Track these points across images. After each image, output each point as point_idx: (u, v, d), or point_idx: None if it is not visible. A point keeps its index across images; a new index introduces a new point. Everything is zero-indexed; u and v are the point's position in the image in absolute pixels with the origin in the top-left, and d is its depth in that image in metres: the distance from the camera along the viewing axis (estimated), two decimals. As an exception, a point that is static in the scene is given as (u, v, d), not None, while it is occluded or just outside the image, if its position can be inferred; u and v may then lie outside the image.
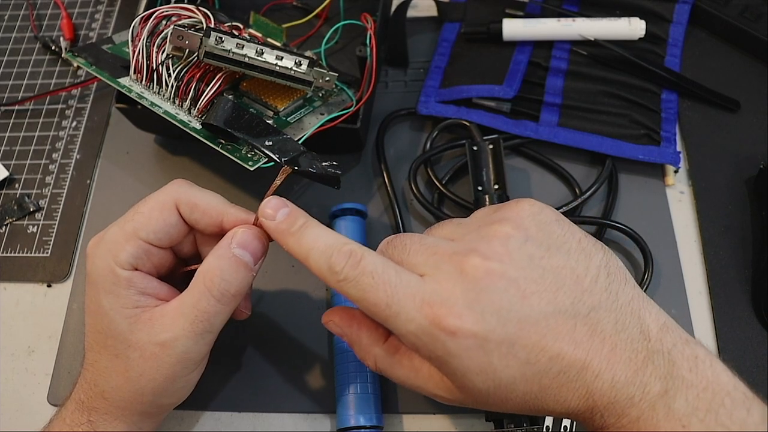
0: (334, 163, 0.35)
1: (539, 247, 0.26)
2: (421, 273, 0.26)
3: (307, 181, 0.43)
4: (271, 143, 0.35)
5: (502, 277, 0.25)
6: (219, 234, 0.31)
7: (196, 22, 0.37)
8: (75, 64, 0.50)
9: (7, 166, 0.46)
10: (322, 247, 0.27)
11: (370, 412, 0.34)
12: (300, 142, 0.36)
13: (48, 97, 0.49)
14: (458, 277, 0.25)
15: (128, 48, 0.38)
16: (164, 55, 0.37)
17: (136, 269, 0.30)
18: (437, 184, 0.41)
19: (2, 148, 0.47)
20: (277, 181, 0.32)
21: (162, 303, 0.30)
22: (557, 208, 0.40)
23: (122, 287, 0.29)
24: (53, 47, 0.51)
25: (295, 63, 0.36)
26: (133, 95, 0.38)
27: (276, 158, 0.34)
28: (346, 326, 0.30)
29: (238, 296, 0.30)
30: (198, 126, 0.37)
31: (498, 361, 0.25)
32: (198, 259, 0.33)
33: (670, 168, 0.41)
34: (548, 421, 0.34)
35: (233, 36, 0.35)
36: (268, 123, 0.36)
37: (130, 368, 0.29)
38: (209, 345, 0.30)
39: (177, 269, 0.33)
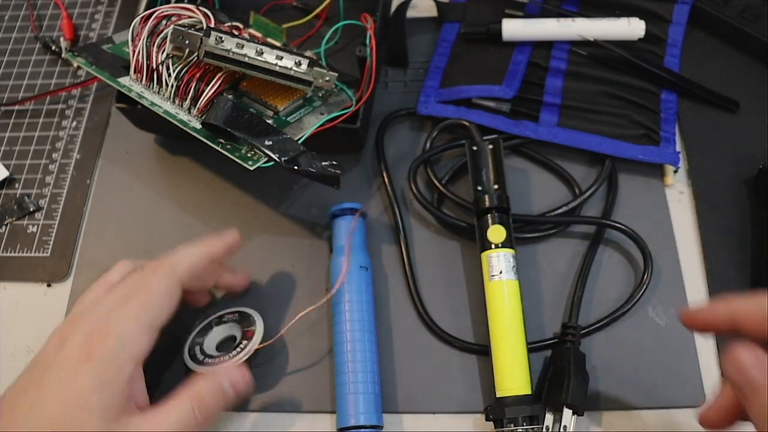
0: (334, 162, 0.36)
1: None
2: None
3: (307, 181, 0.43)
4: (270, 143, 0.35)
5: None
6: None
7: (196, 22, 0.37)
8: (75, 64, 0.50)
9: (7, 166, 0.46)
10: None
11: (370, 411, 0.34)
12: (300, 142, 0.37)
13: (48, 97, 0.49)
14: None
15: (128, 48, 0.38)
16: (164, 54, 0.37)
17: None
18: (437, 184, 0.41)
19: (2, 148, 0.47)
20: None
21: (138, 410, 0.29)
22: (556, 208, 0.40)
23: (125, 391, 0.28)
24: (53, 47, 0.51)
25: (295, 63, 0.36)
26: (133, 95, 0.38)
27: (276, 158, 0.34)
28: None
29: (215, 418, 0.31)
30: (198, 126, 0.37)
31: None
32: None
33: (670, 168, 0.42)
34: (548, 421, 0.34)
35: (233, 36, 0.35)
36: (268, 123, 0.36)
37: None
38: None
39: None
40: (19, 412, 0.27)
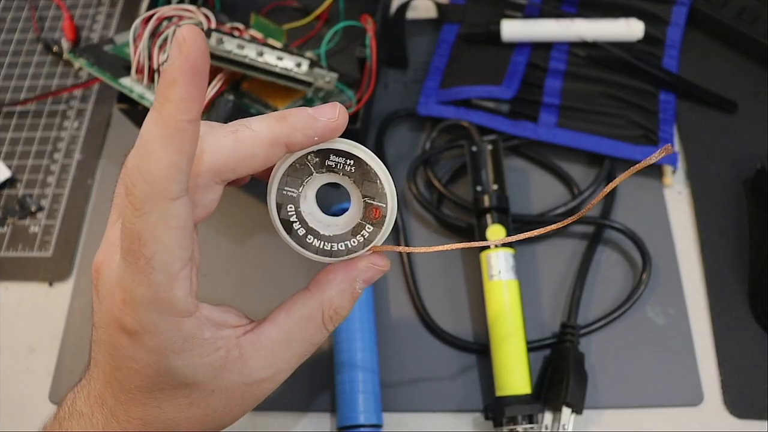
0: None
1: None
2: None
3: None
4: None
5: None
6: None
7: (197, 23, 0.37)
8: (77, 65, 0.51)
9: (9, 167, 0.46)
10: None
11: (369, 410, 0.34)
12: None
13: (50, 97, 0.49)
14: None
15: (129, 49, 0.38)
16: (165, 55, 0.37)
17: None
18: (437, 184, 0.41)
19: (4, 149, 0.48)
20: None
21: (240, 330, 0.24)
22: (556, 208, 0.40)
23: (196, 340, 0.23)
24: (55, 48, 0.51)
25: (296, 64, 0.36)
26: (134, 95, 0.39)
27: None
28: None
29: None
30: (199, 126, 0.37)
31: None
32: None
33: (668, 168, 0.42)
34: (547, 420, 0.34)
35: (234, 37, 0.35)
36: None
37: (211, 411, 0.24)
38: None
39: None
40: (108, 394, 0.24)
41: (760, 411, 0.35)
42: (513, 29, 0.44)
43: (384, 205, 0.24)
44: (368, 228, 0.24)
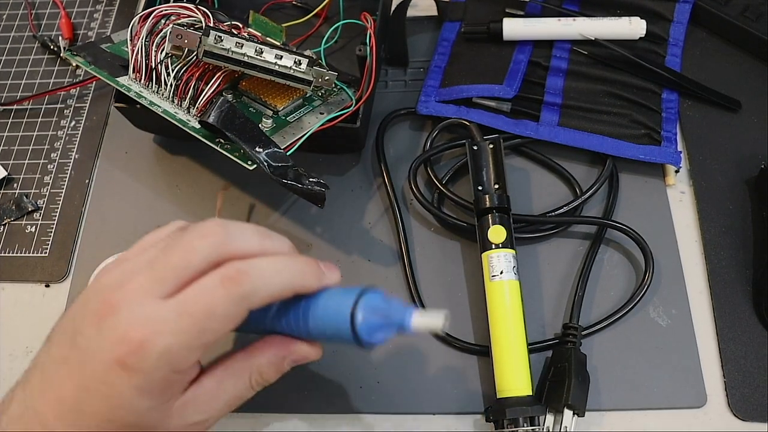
0: (321, 181, 0.35)
1: None
2: None
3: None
4: (260, 150, 0.34)
5: None
6: None
7: (195, 21, 0.37)
8: (74, 64, 0.50)
9: (5, 166, 0.46)
10: None
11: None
12: (300, 142, 0.36)
13: (46, 96, 0.49)
14: None
15: (127, 47, 0.38)
16: (163, 54, 0.37)
17: None
18: (437, 183, 0.41)
19: (0, 148, 0.47)
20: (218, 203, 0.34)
21: (188, 382, 0.27)
22: (557, 208, 0.40)
23: (174, 390, 0.26)
24: (52, 46, 0.51)
25: (295, 62, 0.36)
26: (132, 94, 0.38)
27: (265, 167, 0.34)
28: None
29: None
30: (197, 125, 0.36)
31: None
32: None
33: (671, 168, 0.41)
34: (549, 422, 0.34)
35: (232, 35, 0.35)
36: (261, 131, 0.36)
37: None
38: None
39: None
40: (66, 404, 0.26)
41: (764, 413, 0.34)
42: (514, 27, 0.44)
43: None
44: None
